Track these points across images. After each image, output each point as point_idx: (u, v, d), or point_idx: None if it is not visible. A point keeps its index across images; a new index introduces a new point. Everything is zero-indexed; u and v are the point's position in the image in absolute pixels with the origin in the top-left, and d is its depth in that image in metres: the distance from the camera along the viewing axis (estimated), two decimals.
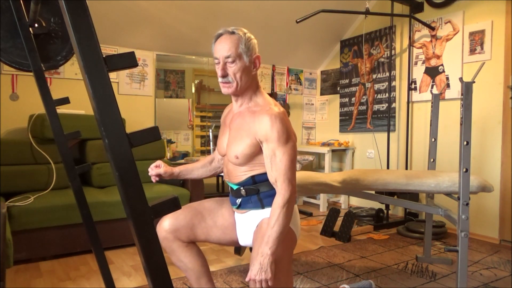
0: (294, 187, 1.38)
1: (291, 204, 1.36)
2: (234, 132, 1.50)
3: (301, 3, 3.79)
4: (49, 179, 2.87)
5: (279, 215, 1.33)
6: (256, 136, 1.41)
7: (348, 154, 4.47)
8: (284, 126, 1.38)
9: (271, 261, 1.29)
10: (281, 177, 1.36)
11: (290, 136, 1.40)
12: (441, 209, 2.30)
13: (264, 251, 1.30)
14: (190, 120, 4.21)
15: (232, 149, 1.47)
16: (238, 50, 1.42)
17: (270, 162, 1.39)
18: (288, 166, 1.37)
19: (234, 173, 1.51)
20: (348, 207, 4.45)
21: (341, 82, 4.62)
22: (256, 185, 1.48)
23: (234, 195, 1.55)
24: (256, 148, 1.43)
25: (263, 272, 1.28)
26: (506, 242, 3.10)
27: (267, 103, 1.47)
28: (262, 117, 1.40)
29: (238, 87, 1.44)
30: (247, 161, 1.46)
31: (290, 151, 1.38)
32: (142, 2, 3.32)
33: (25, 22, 1.35)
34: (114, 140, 0.62)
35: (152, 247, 0.65)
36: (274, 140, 1.37)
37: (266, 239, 1.32)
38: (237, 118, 1.51)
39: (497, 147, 3.16)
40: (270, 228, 1.33)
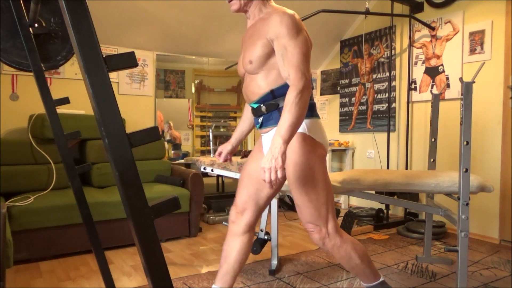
0: (308, 80, 1.37)
1: (304, 95, 1.34)
2: (247, 43, 1.51)
3: (301, 3, 3.79)
4: (49, 179, 2.87)
5: (292, 105, 1.32)
6: (267, 35, 1.41)
7: (348, 154, 4.47)
8: (293, 21, 1.38)
9: (283, 150, 1.29)
10: (294, 69, 1.36)
11: (301, 31, 1.40)
12: (441, 209, 2.30)
13: (276, 140, 1.30)
14: (190, 120, 4.21)
15: (246, 56, 1.48)
16: None
17: (282, 58, 1.39)
18: (300, 58, 1.37)
19: (251, 86, 1.51)
20: (348, 207, 4.45)
21: (341, 82, 4.62)
22: (276, 99, 1.48)
23: (256, 114, 1.56)
24: (269, 48, 1.42)
25: (273, 160, 1.28)
26: (506, 242, 3.10)
27: (278, 8, 1.48)
28: (271, 18, 1.42)
29: (241, 2, 1.49)
30: (261, 65, 1.45)
31: (302, 44, 1.38)
32: (142, 2, 3.32)
33: (25, 22, 1.35)
34: (114, 140, 0.62)
35: (152, 247, 0.65)
36: (284, 35, 1.37)
37: (278, 129, 1.32)
38: (249, 30, 1.54)
39: (497, 147, 3.16)
40: (283, 117, 1.32)
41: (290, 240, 3.17)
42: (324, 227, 1.50)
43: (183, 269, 2.46)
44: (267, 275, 2.38)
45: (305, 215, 1.48)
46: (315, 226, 1.50)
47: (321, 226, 1.49)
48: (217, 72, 4.32)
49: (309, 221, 1.49)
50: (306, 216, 1.48)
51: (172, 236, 3.09)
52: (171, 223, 3.04)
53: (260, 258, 2.68)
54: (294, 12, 1.43)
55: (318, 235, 1.50)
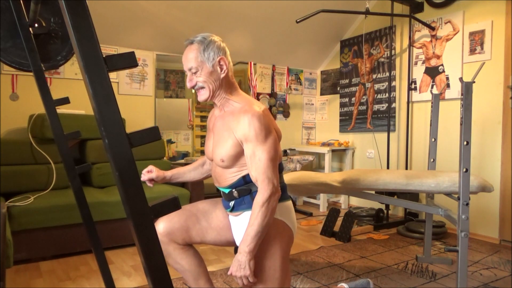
0: (274, 186, 1.36)
1: (271, 203, 1.34)
2: (217, 136, 1.50)
3: (301, 3, 3.79)
4: (49, 179, 2.87)
5: (258, 214, 1.32)
6: (236, 136, 1.40)
7: (348, 154, 4.47)
8: (261, 124, 1.37)
9: (249, 258, 1.30)
10: (261, 176, 1.36)
11: (269, 133, 1.39)
12: (441, 209, 2.30)
13: (242, 249, 1.31)
14: (190, 120, 4.21)
15: (217, 153, 1.47)
16: (198, 60, 1.42)
17: (250, 162, 1.39)
18: (267, 164, 1.36)
19: (223, 177, 1.51)
20: (348, 207, 4.45)
21: (341, 82, 4.62)
22: (247, 185, 1.47)
23: (227, 199, 1.54)
24: (240, 148, 1.42)
25: (241, 269, 1.30)
26: (506, 242, 3.10)
27: (246, 102, 1.46)
28: (239, 117, 1.39)
29: (209, 93, 1.45)
30: (233, 163, 1.45)
31: (269, 149, 1.37)
32: (142, 2, 3.32)
33: (25, 22, 1.34)
34: (114, 140, 0.62)
35: (152, 247, 0.65)
36: (252, 139, 1.37)
37: (244, 237, 1.32)
38: (218, 121, 1.51)
39: (497, 147, 3.16)
40: (249, 226, 1.33)
41: None
42: None
43: None
44: None
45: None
46: None
47: None
48: None
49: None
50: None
51: None
52: None
53: None
54: (262, 110, 1.41)
55: None
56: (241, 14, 3.80)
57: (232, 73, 1.52)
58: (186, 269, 1.59)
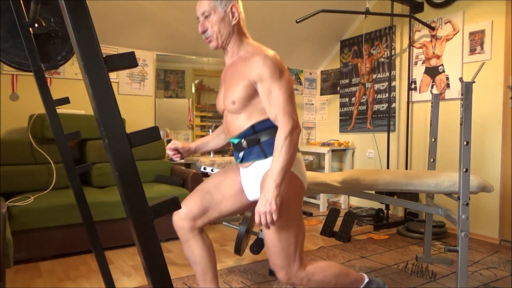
0: (295, 120, 1.38)
1: (293, 137, 1.36)
2: (228, 82, 1.51)
3: (301, 3, 3.79)
4: (49, 179, 2.87)
5: (282, 148, 1.34)
6: (249, 77, 1.41)
7: (348, 154, 4.47)
8: (275, 63, 1.39)
9: (276, 194, 1.30)
10: (281, 112, 1.37)
11: (283, 71, 1.41)
12: (441, 209, 2.30)
13: (268, 185, 1.32)
14: (190, 120, 4.21)
15: (228, 96, 1.48)
16: (211, 4, 1.45)
17: (267, 101, 1.40)
18: (286, 100, 1.38)
19: (233, 125, 1.51)
20: (348, 207, 4.45)
21: (341, 82, 4.62)
22: (256, 134, 1.48)
23: (236, 149, 1.55)
24: (251, 89, 1.43)
25: (267, 204, 1.29)
26: (506, 242, 3.11)
27: (257, 47, 1.48)
28: (253, 59, 1.41)
29: (219, 40, 1.48)
30: (244, 105, 1.46)
31: (286, 85, 1.39)
32: (142, 2, 3.32)
33: (25, 22, 1.34)
34: (114, 140, 0.62)
35: (152, 247, 0.65)
36: (267, 78, 1.38)
37: (270, 173, 1.33)
38: (230, 68, 1.53)
39: (497, 147, 3.16)
40: (274, 161, 1.34)
41: None
42: (289, 268, 1.46)
43: (183, 269, 2.46)
44: (267, 275, 2.38)
45: (272, 255, 1.45)
46: (281, 268, 1.46)
47: (286, 268, 1.45)
48: (217, 72, 4.32)
49: (275, 262, 1.45)
50: (272, 256, 1.45)
51: (172, 236, 3.09)
52: (171, 223, 3.02)
53: (260, 258, 2.68)
54: (275, 53, 1.44)
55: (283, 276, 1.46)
56: None
57: (244, 23, 1.54)
58: (198, 261, 1.60)
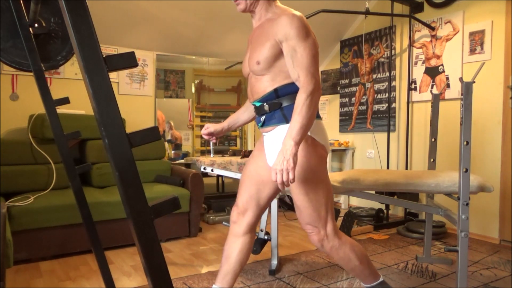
0: (318, 81, 1.38)
1: (314, 97, 1.36)
2: (254, 44, 1.51)
3: (301, 3, 3.79)
4: (49, 179, 2.87)
5: (302, 107, 1.33)
6: (275, 37, 1.41)
7: (348, 154, 4.47)
8: (302, 23, 1.39)
9: (294, 152, 1.29)
10: (303, 71, 1.37)
11: (310, 33, 1.41)
12: (441, 209, 2.30)
13: (287, 143, 1.31)
14: (190, 120, 4.21)
15: (253, 57, 1.48)
16: None
17: (291, 59, 1.40)
18: (310, 60, 1.38)
19: (256, 87, 1.51)
20: (348, 207, 4.45)
21: (341, 82, 4.62)
22: (279, 99, 1.48)
23: (258, 113, 1.55)
24: (277, 49, 1.43)
25: (285, 161, 1.28)
26: (506, 242, 3.10)
27: (285, 9, 1.49)
28: (280, 19, 1.42)
29: (247, 1, 1.50)
30: (268, 66, 1.45)
31: (311, 46, 1.39)
32: (142, 2, 3.32)
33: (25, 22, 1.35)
34: (114, 140, 0.62)
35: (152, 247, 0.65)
36: (293, 37, 1.38)
37: (289, 131, 1.32)
38: (257, 30, 1.53)
39: (497, 147, 3.16)
40: (293, 120, 1.33)
41: (290, 240, 3.17)
42: (322, 229, 1.50)
43: (183, 269, 2.46)
44: (267, 275, 2.38)
45: (304, 216, 1.49)
46: (314, 228, 1.50)
47: (320, 228, 1.50)
48: (217, 72, 4.32)
49: (308, 222, 1.49)
50: (305, 217, 1.49)
51: (172, 236, 3.09)
52: (171, 223, 3.04)
53: (260, 258, 2.68)
54: (302, 15, 1.44)
55: (316, 237, 1.51)
56: (241, 14, 3.80)
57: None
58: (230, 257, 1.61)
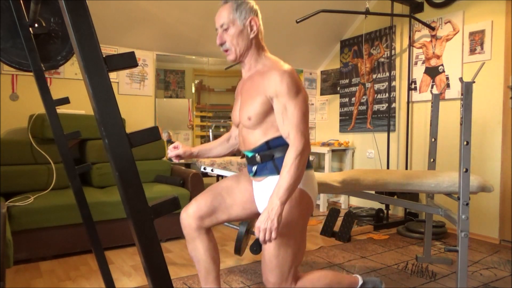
0: (307, 140, 1.38)
1: (303, 156, 1.36)
2: (245, 96, 1.51)
3: (301, 3, 3.79)
4: (49, 179, 2.87)
5: (291, 166, 1.33)
6: (266, 93, 1.41)
7: (348, 154, 4.47)
8: (293, 80, 1.39)
9: (279, 212, 1.29)
10: (294, 130, 1.37)
11: (300, 90, 1.41)
12: (441, 209, 2.30)
13: (273, 201, 1.30)
14: (190, 120, 4.21)
15: (245, 111, 1.48)
16: (230, 17, 1.45)
17: (281, 117, 1.40)
18: (300, 118, 1.37)
19: (248, 140, 1.51)
20: (348, 207, 4.45)
21: (341, 82, 4.62)
22: (270, 150, 1.48)
23: (250, 163, 1.55)
24: (268, 106, 1.42)
25: (269, 221, 1.28)
26: (506, 242, 3.10)
27: (275, 62, 1.48)
28: (270, 74, 1.41)
29: (237, 52, 1.47)
30: (260, 121, 1.45)
31: (301, 103, 1.39)
32: (142, 2, 3.32)
33: (25, 22, 1.35)
34: (114, 140, 0.62)
35: (152, 247, 0.65)
36: (284, 94, 1.37)
37: (276, 189, 1.32)
38: (247, 82, 1.53)
39: (497, 147, 3.16)
40: (281, 178, 1.33)
41: None
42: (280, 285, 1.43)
43: (183, 269, 2.46)
44: None
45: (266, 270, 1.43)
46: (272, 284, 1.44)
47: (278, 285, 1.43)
48: (217, 72, 4.32)
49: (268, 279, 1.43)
50: (266, 272, 1.43)
51: (172, 236, 3.09)
52: (171, 223, 3.04)
53: (260, 258, 2.68)
54: (292, 68, 1.43)
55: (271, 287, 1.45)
56: None
57: (262, 36, 1.55)
58: (202, 259, 1.60)
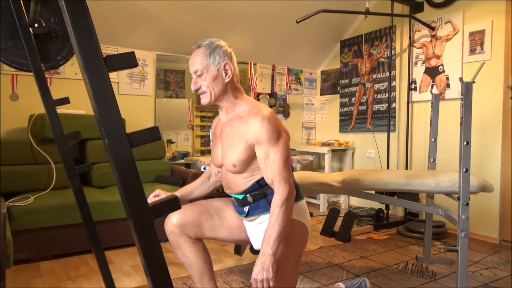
0: (291, 185, 1.38)
1: (289, 203, 1.36)
2: (226, 141, 1.49)
3: (301, 3, 3.79)
4: (49, 179, 2.86)
5: (278, 214, 1.33)
6: (247, 139, 1.40)
7: (348, 154, 4.47)
8: (273, 126, 1.38)
9: (273, 260, 1.30)
10: (277, 177, 1.37)
11: (281, 134, 1.40)
12: (441, 209, 2.30)
13: (265, 251, 1.31)
14: (190, 120, 4.21)
15: (228, 158, 1.46)
16: (203, 63, 1.44)
17: (264, 164, 1.39)
18: (282, 165, 1.37)
19: (235, 183, 1.50)
20: (348, 207, 4.45)
21: (341, 82, 4.62)
22: (262, 189, 1.48)
23: (241, 204, 1.54)
24: (251, 152, 1.42)
25: (264, 271, 1.29)
26: (506, 242, 3.10)
27: (253, 106, 1.46)
28: (250, 120, 1.40)
29: (212, 96, 1.46)
30: (245, 167, 1.45)
31: (283, 149, 1.38)
32: (142, 2, 3.32)
33: (25, 22, 1.34)
34: (114, 140, 0.62)
35: (152, 247, 0.65)
36: (265, 141, 1.37)
37: (266, 239, 1.33)
38: (226, 126, 1.50)
39: (497, 147, 3.16)
40: (270, 227, 1.33)
41: None
42: None
43: (183, 269, 2.46)
44: None
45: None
46: None
47: None
48: None
49: None
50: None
51: None
52: None
53: None
54: (271, 112, 1.42)
55: None
56: (241, 14, 3.80)
57: (238, 78, 1.53)
58: (193, 263, 1.60)
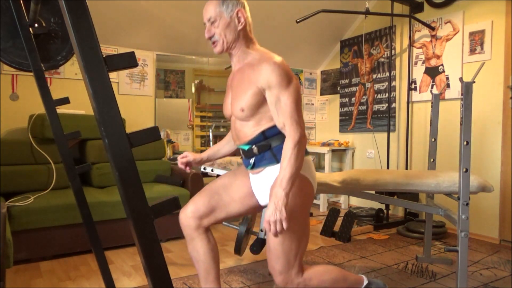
0: (302, 128, 1.40)
1: (301, 145, 1.38)
2: (236, 88, 1.51)
3: (301, 3, 3.79)
4: (49, 179, 2.87)
5: (291, 156, 1.34)
6: (258, 84, 1.41)
7: (348, 154, 4.47)
8: (284, 71, 1.40)
9: (285, 202, 1.31)
10: (289, 120, 1.38)
11: (292, 79, 1.42)
12: (441, 209, 2.30)
13: (278, 193, 1.32)
14: (190, 120, 4.21)
15: (237, 103, 1.47)
16: (217, 10, 1.46)
17: (275, 108, 1.41)
18: (293, 108, 1.39)
19: (242, 132, 1.51)
20: (348, 207, 4.45)
21: (341, 82, 4.62)
22: (267, 140, 1.48)
23: (247, 156, 1.54)
24: (260, 96, 1.43)
25: (277, 211, 1.29)
26: (506, 242, 3.10)
27: (265, 53, 1.49)
28: (261, 66, 1.42)
29: (224, 44, 1.48)
30: (253, 113, 1.45)
31: (294, 93, 1.40)
32: (142, 2, 3.32)
33: (25, 22, 1.35)
34: (114, 140, 0.62)
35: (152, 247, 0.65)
36: (276, 85, 1.39)
37: (279, 181, 1.33)
38: (237, 75, 1.52)
39: (497, 147, 3.16)
40: (283, 169, 1.34)
41: None
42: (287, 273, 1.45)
43: (183, 269, 2.46)
44: (267, 275, 2.38)
45: (272, 258, 1.44)
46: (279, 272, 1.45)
47: (284, 273, 1.45)
48: (217, 72, 4.32)
49: (274, 267, 1.45)
50: (272, 260, 1.44)
51: (172, 236, 3.09)
52: (171, 223, 3.03)
53: (260, 258, 2.68)
54: (282, 59, 1.44)
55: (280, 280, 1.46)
56: None
57: (251, 28, 1.55)
58: (201, 259, 1.60)
